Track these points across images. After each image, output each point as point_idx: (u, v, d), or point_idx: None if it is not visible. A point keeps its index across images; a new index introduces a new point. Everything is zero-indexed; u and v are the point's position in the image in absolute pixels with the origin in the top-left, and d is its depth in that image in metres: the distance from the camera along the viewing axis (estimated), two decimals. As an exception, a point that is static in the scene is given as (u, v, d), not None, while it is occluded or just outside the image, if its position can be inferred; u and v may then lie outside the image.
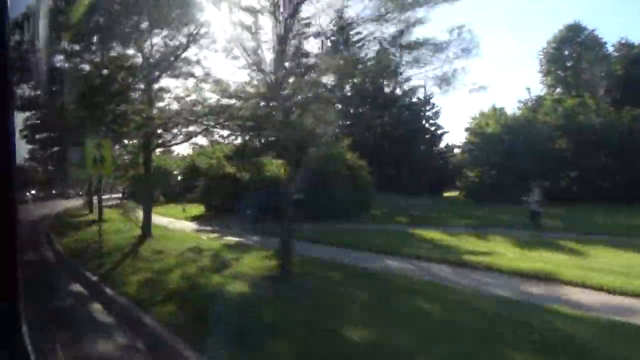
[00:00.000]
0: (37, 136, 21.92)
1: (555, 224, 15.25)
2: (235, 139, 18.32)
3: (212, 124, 12.92)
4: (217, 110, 12.39)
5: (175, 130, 13.51)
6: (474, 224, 15.64)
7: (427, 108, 41.18)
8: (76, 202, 42.93)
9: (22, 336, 1.28)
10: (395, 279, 6.61)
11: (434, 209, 22.28)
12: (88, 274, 8.30)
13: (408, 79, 38.00)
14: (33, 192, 52.55)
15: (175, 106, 13.11)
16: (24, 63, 10.65)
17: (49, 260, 10.87)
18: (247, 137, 14.38)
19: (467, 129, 32.81)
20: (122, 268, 8.47)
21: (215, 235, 14.27)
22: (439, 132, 43.05)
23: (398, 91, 36.62)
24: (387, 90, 36.22)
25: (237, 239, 12.65)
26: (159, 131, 13.29)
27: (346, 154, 18.93)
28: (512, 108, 35.65)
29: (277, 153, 17.49)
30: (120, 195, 45.38)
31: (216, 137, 15.86)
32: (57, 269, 9.73)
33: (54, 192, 61.40)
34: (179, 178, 46.26)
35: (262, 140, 16.39)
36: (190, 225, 18.65)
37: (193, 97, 12.80)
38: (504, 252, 9.08)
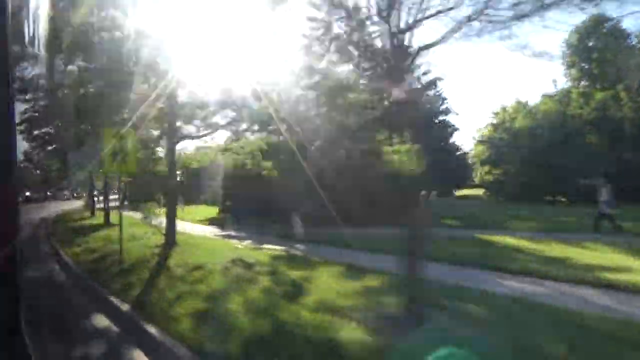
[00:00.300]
0: (35, 132, 19.79)
1: (629, 225, 13.37)
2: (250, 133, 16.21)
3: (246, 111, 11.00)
4: (256, 95, 10.52)
5: (197, 121, 11.58)
6: (540, 227, 13.74)
7: (438, 104, 39.41)
8: (74, 204, 40.84)
9: (22, 337, 1.26)
10: (569, 314, 4.67)
11: (475, 209, 20.35)
12: (114, 300, 6.32)
13: (426, 72, 36.42)
14: (28, 193, 50.22)
15: (200, 93, 11.20)
16: (25, 34, 8.63)
17: (57, 277, 8.85)
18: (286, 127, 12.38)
19: (492, 124, 30.94)
20: (157, 291, 6.49)
21: (247, 242, 12.28)
22: (449, 129, 41.37)
23: (415, 85, 34.72)
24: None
25: (279, 248, 10.69)
26: (178, 123, 11.37)
27: (384, 148, 16.98)
28: (534, 102, 33.49)
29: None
30: (119, 196, 43.23)
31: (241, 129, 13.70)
32: (70, 290, 7.72)
33: (48, 193, 59.18)
34: (178, 178, 44.20)
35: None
36: (211, 230, 16.66)
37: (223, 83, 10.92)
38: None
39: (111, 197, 39.83)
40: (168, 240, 10.51)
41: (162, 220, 10.86)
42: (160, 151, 15.68)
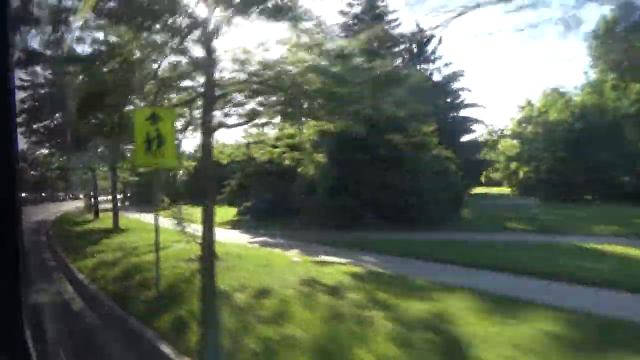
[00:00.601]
0: (35, 126, 17.56)
1: None
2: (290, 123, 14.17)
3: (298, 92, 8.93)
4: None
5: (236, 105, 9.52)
6: (626, 231, 11.81)
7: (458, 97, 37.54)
8: (72, 206, 38.74)
9: (23, 338, 1.24)
10: None
11: (525, 210, 18.42)
12: (170, 353, 4.29)
13: (448, 64, 34.51)
14: (23, 194, 47.94)
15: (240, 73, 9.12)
16: None
17: (73, 304, 6.79)
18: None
19: (526, 118, 29.02)
20: (229, 335, 4.47)
21: (294, 251, 10.27)
22: (467, 123, 39.55)
23: (437, 77, 32.87)
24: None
25: (344, 260, 8.69)
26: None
27: (432, 142, 14.99)
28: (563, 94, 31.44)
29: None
30: (119, 197, 41.05)
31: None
32: (95, 327, 5.66)
33: (43, 194, 56.94)
34: (179, 178, 41.71)
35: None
36: (238, 235, 14.61)
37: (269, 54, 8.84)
38: None
39: (107, 197, 37.65)
40: (206, 252, 8.45)
41: (198, 228, 8.84)
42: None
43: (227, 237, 13.73)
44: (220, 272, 7.43)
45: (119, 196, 41.93)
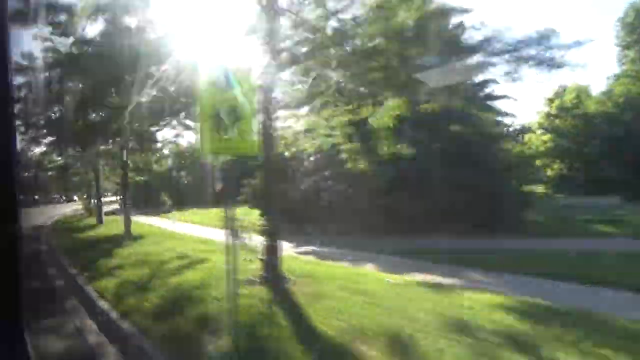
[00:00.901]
0: (32, 120, 15.33)
1: None
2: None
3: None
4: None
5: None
6: None
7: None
8: (68, 209, 36.68)
9: (24, 339, 1.23)
10: None
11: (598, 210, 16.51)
12: None
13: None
14: (17, 196, 45.38)
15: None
16: None
17: None
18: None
19: (558, 111, 27.08)
20: None
21: (370, 265, 8.23)
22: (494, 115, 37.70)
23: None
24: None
25: (446, 279, 6.65)
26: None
27: (501, 134, 12.94)
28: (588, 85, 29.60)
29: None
30: (116, 198, 38.92)
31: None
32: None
33: (37, 197, 54.47)
34: (184, 179, 39.53)
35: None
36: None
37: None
38: None
39: (105, 199, 35.37)
40: (269, 272, 6.40)
41: (259, 239, 6.82)
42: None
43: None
44: (304, 302, 5.37)
45: (116, 198, 39.61)
